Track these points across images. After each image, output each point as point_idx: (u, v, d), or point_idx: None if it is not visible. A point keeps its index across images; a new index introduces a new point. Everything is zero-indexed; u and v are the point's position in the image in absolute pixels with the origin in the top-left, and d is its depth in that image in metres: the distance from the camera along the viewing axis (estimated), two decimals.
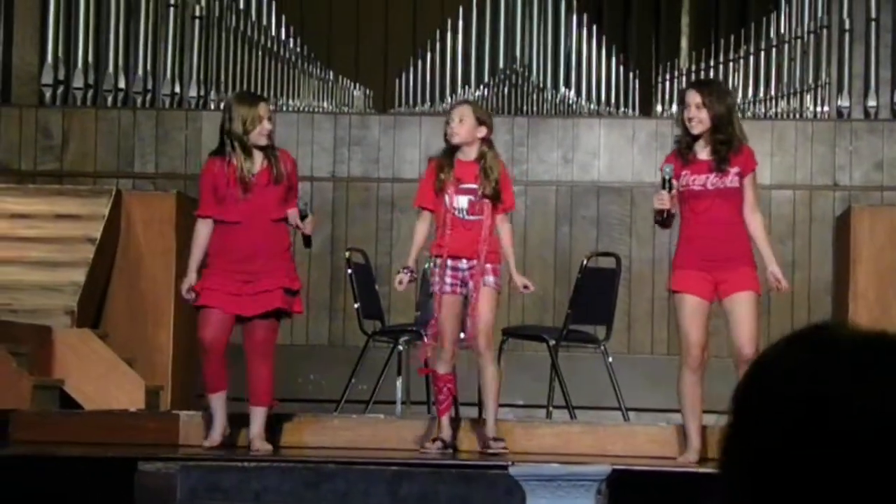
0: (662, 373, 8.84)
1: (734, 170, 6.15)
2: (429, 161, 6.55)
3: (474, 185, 6.35)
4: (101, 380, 7.67)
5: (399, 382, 8.04)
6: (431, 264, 6.44)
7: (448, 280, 6.32)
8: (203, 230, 6.45)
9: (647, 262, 9.62)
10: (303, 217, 6.39)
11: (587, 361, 8.40)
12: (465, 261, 6.34)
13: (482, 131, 6.37)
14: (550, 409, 7.81)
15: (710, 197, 6.14)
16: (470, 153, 6.38)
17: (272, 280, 6.32)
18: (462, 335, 6.63)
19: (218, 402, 6.43)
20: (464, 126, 6.34)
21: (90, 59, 10.20)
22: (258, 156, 6.41)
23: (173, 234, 8.60)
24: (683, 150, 6.19)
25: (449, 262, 6.31)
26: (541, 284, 9.59)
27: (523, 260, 9.67)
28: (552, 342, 7.81)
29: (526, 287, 6.44)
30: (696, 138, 6.18)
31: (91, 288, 8.26)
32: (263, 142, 6.38)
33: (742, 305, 6.10)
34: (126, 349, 8.07)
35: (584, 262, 8.04)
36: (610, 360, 7.89)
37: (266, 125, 6.37)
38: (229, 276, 6.33)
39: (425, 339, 6.52)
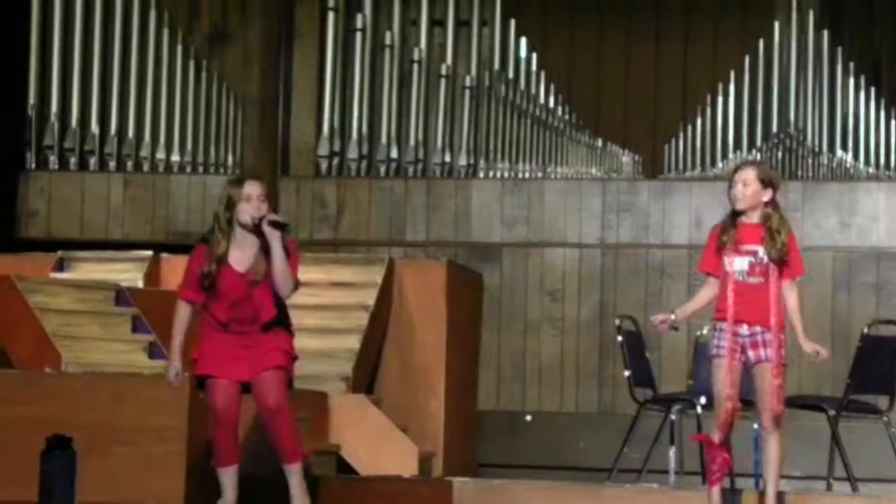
0: None
1: None
2: (712, 228, 6.39)
3: (756, 247, 6.18)
4: (376, 445, 7.76)
5: (672, 452, 7.92)
6: (711, 329, 6.28)
7: (725, 344, 6.17)
8: (183, 312, 6.21)
9: None
10: (260, 219, 6.10)
11: (868, 432, 8.14)
12: (746, 327, 6.17)
13: (767, 194, 6.21)
14: (831, 480, 7.58)
15: None
16: (753, 216, 6.22)
17: (269, 343, 6.19)
18: (742, 406, 6.47)
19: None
20: (748, 190, 6.19)
21: (364, 130, 10.46)
22: (249, 245, 6.15)
23: (444, 301, 8.67)
24: None
25: (728, 326, 6.15)
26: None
27: None
28: (832, 412, 7.59)
29: (817, 353, 6.24)
30: None
31: (365, 355, 8.39)
32: (246, 219, 6.11)
33: None
34: (399, 415, 8.16)
35: (865, 329, 7.79)
36: (893, 430, 7.62)
37: (255, 203, 6.10)
38: (226, 345, 6.17)
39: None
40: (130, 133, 10.57)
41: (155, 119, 10.57)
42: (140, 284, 8.68)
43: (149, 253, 8.99)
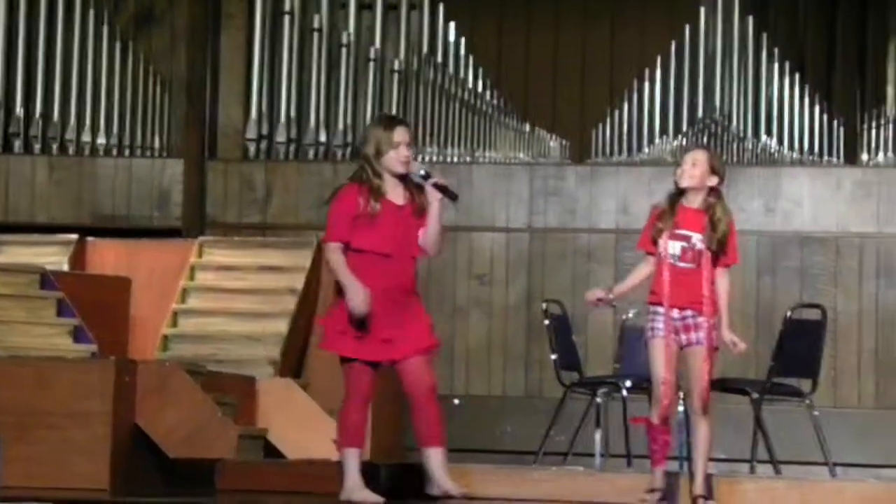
0: (870, 427, 8.62)
1: None
2: (653, 206, 6.37)
3: (691, 233, 6.19)
4: (304, 429, 7.76)
5: (598, 435, 7.97)
6: (643, 312, 6.29)
7: (661, 325, 6.19)
8: (336, 254, 5.89)
9: (854, 314, 9.41)
10: (425, 176, 5.95)
11: (792, 415, 8.23)
12: (676, 311, 6.19)
13: (713, 180, 6.21)
14: (754, 463, 7.66)
15: None
16: (695, 200, 6.21)
17: (420, 320, 5.97)
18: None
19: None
20: (697, 170, 6.18)
21: (292, 113, 10.43)
22: (396, 184, 5.93)
23: None
24: None
25: (663, 309, 6.18)
26: (742, 336, 9.40)
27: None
28: (755, 395, 7.66)
29: (735, 344, 6.27)
30: None
31: (293, 338, 8.38)
32: (399, 169, 5.92)
33: None
34: (327, 399, 8.14)
35: (789, 313, 7.88)
36: (816, 413, 7.71)
37: (403, 151, 5.90)
38: (378, 323, 5.91)
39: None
40: (56, 115, 10.48)
41: (80, 101, 10.48)
42: (65, 268, 8.62)
43: (74, 236, 8.93)
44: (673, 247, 6.16)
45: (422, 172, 5.95)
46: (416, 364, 5.95)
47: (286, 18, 10.44)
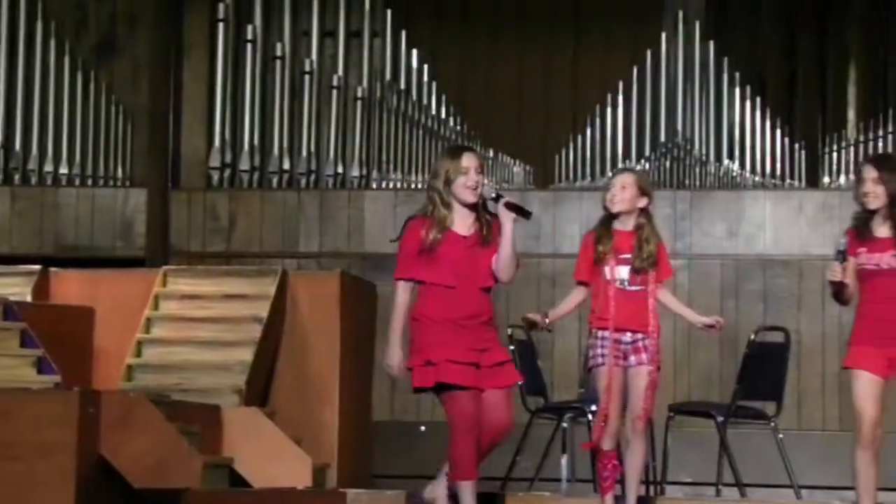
0: (835, 449, 8.63)
1: None
2: (585, 235, 6.42)
3: (631, 255, 6.25)
4: (269, 458, 7.72)
5: (564, 460, 7.98)
6: (593, 339, 6.33)
7: (607, 353, 6.22)
8: (403, 294, 6.01)
9: (817, 336, 9.45)
10: (496, 198, 5.91)
11: (756, 438, 8.25)
12: (629, 334, 6.23)
13: (643, 202, 6.27)
14: (720, 486, 7.68)
15: (884, 276, 6.00)
16: (628, 223, 6.27)
17: (500, 351, 5.99)
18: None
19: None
20: (627, 193, 6.24)
21: (256, 141, 10.42)
22: (466, 215, 5.93)
23: (338, 312, 8.66)
24: (861, 227, 6.05)
25: (612, 334, 6.21)
26: (706, 360, 9.47)
27: (688, 334, 9.59)
28: (720, 418, 7.69)
29: (718, 321, 6.34)
30: (872, 214, 6.05)
31: (258, 367, 8.35)
32: (469, 197, 5.91)
33: None
34: (293, 427, 8.13)
35: (752, 336, 7.91)
36: (780, 436, 7.74)
37: (472, 176, 5.86)
38: (459, 347, 5.90)
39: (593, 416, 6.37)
40: (17, 146, 10.44)
41: (42, 132, 10.45)
42: (28, 298, 8.56)
43: (37, 267, 8.87)
44: (620, 272, 6.20)
45: (493, 194, 5.92)
46: (499, 397, 5.92)
47: (248, 47, 10.44)
